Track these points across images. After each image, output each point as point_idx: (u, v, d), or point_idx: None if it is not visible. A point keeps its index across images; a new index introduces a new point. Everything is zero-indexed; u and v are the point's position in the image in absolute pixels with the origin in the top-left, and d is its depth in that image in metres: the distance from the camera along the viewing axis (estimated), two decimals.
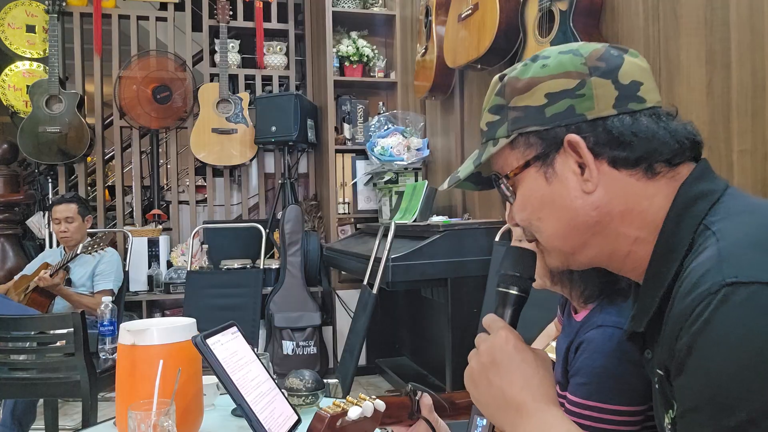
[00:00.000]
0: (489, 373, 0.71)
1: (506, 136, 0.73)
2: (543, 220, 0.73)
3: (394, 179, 3.91)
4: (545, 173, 0.71)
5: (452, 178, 0.81)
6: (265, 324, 3.81)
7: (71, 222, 2.99)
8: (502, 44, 2.54)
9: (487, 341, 0.73)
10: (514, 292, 0.77)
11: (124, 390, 1.10)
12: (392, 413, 0.88)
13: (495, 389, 0.70)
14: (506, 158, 0.74)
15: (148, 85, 4.25)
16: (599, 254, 0.73)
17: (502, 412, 0.70)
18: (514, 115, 0.72)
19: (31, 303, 2.84)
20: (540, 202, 0.72)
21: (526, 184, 0.73)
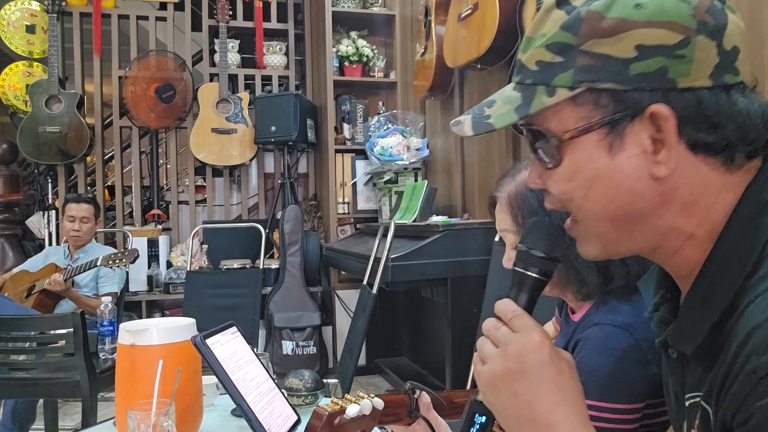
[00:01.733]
0: (516, 382, 0.61)
1: (569, 87, 0.58)
2: (590, 198, 0.60)
3: (393, 179, 3.91)
4: (610, 143, 0.58)
5: (479, 125, 0.63)
6: (265, 324, 3.81)
7: (86, 222, 2.99)
8: (502, 44, 2.54)
9: (517, 343, 0.61)
10: (533, 274, 0.66)
11: (123, 390, 1.10)
12: (391, 411, 0.87)
13: (521, 402, 0.60)
14: (560, 114, 0.59)
15: (151, 85, 4.25)
16: (644, 246, 0.62)
17: (525, 427, 0.61)
18: (585, 62, 0.57)
19: (37, 304, 2.84)
20: (593, 176, 0.59)
21: (582, 151, 0.59)
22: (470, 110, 0.67)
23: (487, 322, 0.66)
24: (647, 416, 0.91)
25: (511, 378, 0.61)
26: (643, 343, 0.88)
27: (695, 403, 0.60)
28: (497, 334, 0.64)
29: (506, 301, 0.66)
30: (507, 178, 1.04)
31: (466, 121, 0.65)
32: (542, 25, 0.61)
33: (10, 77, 4.28)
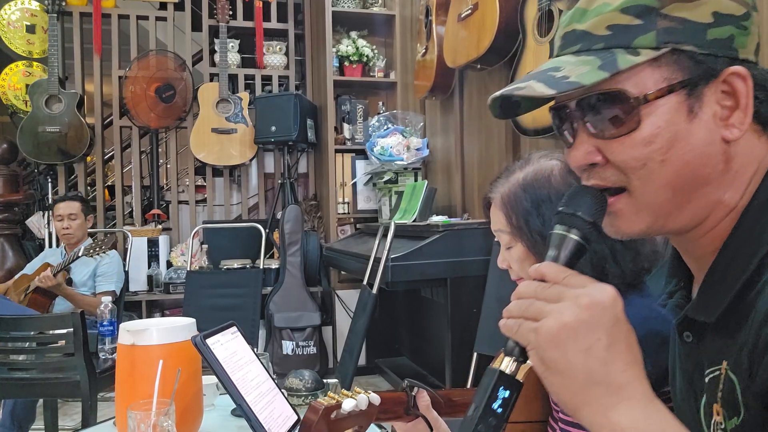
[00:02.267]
0: (590, 336, 0.54)
1: (654, 48, 0.58)
2: (666, 162, 0.59)
3: (393, 179, 3.91)
4: (689, 106, 0.59)
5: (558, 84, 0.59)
6: (265, 324, 3.81)
7: (74, 219, 2.99)
8: (502, 44, 2.54)
9: (590, 295, 0.55)
10: (575, 237, 0.61)
11: (123, 390, 1.10)
12: (388, 408, 0.87)
13: (594, 359, 0.54)
14: (640, 76, 0.59)
15: (151, 85, 4.25)
16: (691, 220, 0.62)
17: (591, 388, 0.54)
18: (666, 25, 0.59)
19: (31, 303, 2.84)
20: (673, 139, 0.59)
21: (662, 113, 0.59)
22: (525, 77, 0.64)
23: (528, 284, 0.59)
24: None
25: (585, 331, 0.54)
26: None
27: (716, 377, 0.60)
28: (552, 291, 0.57)
29: (551, 263, 0.60)
30: (501, 179, 1.04)
31: (531, 85, 0.61)
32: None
33: (10, 77, 4.28)
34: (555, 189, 0.97)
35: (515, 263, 1.03)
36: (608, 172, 0.62)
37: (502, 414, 0.58)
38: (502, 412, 0.58)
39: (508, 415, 0.58)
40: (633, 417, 0.54)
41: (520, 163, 1.04)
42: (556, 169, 0.99)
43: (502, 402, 0.58)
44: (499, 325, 0.60)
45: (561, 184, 0.97)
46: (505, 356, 0.59)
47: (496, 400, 0.58)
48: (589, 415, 0.55)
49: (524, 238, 0.99)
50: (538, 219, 0.97)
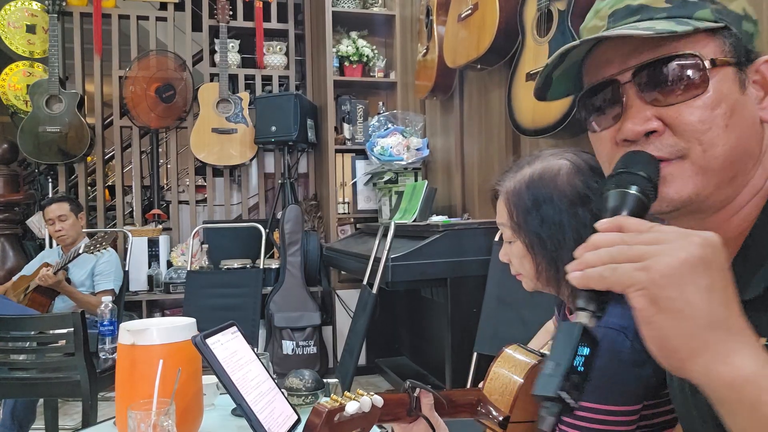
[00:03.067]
0: (709, 274, 0.50)
1: (714, 21, 0.62)
2: (729, 129, 0.60)
3: (393, 179, 3.92)
4: (742, 81, 0.62)
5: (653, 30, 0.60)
6: (265, 324, 3.81)
7: (65, 220, 3.00)
8: (502, 44, 2.54)
9: (699, 235, 0.51)
10: (634, 192, 0.59)
11: (123, 390, 1.10)
12: (390, 410, 0.87)
13: (716, 298, 0.50)
14: (702, 43, 0.62)
15: (151, 85, 4.25)
16: (729, 197, 0.63)
17: (711, 330, 0.50)
18: (716, 7, 0.63)
19: (31, 303, 2.84)
20: (734, 107, 0.61)
21: (725, 81, 0.61)
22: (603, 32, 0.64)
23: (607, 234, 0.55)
24: (644, 417, 0.91)
25: (703, 269, 0.50)
26: (638, 344, 0.88)
27: None
28: (648, 236, 0.53)
29: (627, 217, 0.57)
30: (510, 173, 1.04)
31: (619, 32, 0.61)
32: None
33: (11, 77, 4.28)
34: (559, 189, 0.97)
35: (515, 258, 1.03)
36: (666, 140, 0.62)
37: (584, 373, 0.54)
38: (584, 371, 0.54)
39: (588, 375, 0.54)
40: (758, 362, 0.49)
41: (530, 159, 1.04)
42: (564, 169, 0.99)
43: (584, 360, 0.54)
44: (573, 277, 0.56)
45: (566, 185, 0.97)
46: (579, 311, 0.56)
47: (579, 357, 0.54)
48: (707, 362, 0.50)
49: (523, 236, 0.99)
50: (536, 218, 0.97)
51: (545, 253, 0.97)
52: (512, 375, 1.01)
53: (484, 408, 0.99)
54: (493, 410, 0.99)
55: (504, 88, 2.61)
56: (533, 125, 2.29)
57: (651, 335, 0.52)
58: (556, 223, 0.96)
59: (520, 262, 1.02)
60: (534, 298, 1.14)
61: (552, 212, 0.96)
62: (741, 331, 0.51)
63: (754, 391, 0.49)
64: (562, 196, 0.96)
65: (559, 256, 0.96)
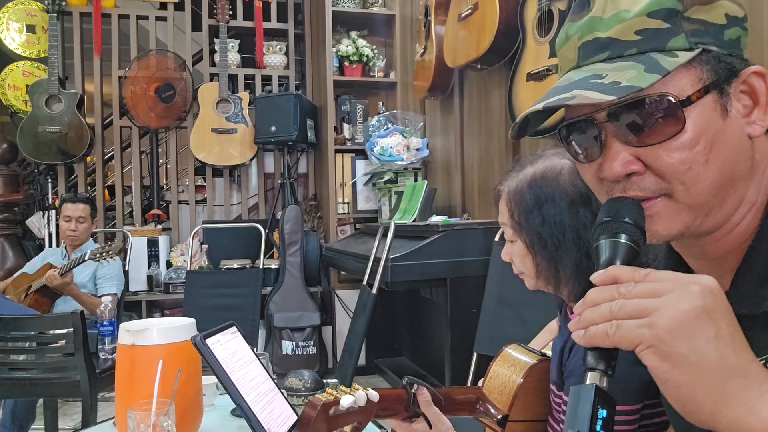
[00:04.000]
0: (713, 322, 0.49)
1: (688, 49, 0.59)
2: (710, 162, 0.59)
3: (393, 179, 3.91)
4: (723, 105, 0.60)
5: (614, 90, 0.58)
6: (265, 324, 3.81)
7: (82, 222, 2.98)
8: (502, 44, 2.54)
9: (696, 283, 0.51)
10: (624, 240, 0.59)
11: (123, 390, 1.10)
12: (388, 406, 0.87)
13: (724, 345, 0.49)
14: (676, 78, 0.59)
15: (151, 85, 4.25)
16: (723, 219, 0.62)
17: (729, 379, 0.49)
18: (692, 28, 0.60)
19: (33, 303, 2.84)
20: (713, 139, 0.59)
21: (702, 114, 0.59)
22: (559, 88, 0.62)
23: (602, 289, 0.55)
24: (645, 416, 0.91)
25: (706, 317, 0.49)
26: None
27: None
28: (645, 287, 0.52)
29: (619, 266, 0.57)
30: (512, 173, 1.04)
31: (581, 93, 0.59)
32: (616, 2, 0.62)
33: (10, 77, 4.28)
34: (561, 189, 0.97)
35: (517, 257, 1.04)
36: (647, 180, 0.61)
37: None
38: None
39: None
40: None
41: (533, 159, 1.04)
42: (566, 168, 0.99)
43: (602, 423, 0.52)
44: (577, 337, 0.55)
45: (568, 184, 0.97)
46: (589, 372, 0.54)
47: (598, 422, 0.52)
48: (731, 413, 0.49)
49: (524, 235, 1.00)
50: (537, 218, 0.97)
51: (545, 252, 0.98)
52: (512, 374, 1.01)
53: (483, 406, 0.99)
54: (492, 408, 0.99)
55: (504, 88, 2.61)
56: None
57: (671, 393, 0.51)
58: (557, 222, 0.96)
59: (522, 261, 1.03)
60: (534, 297, 1.14)
61: (553, 212, 0.96)
62: (759, 375, 0.50)
63: None
64: (563, 196, 0.97)
65: (559, 255, 0.96)
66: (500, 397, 0.99)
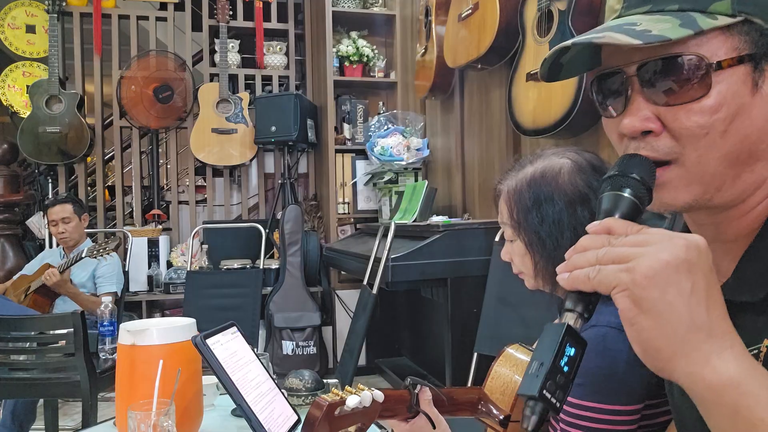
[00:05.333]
0: (693, 276, 0.51)
1: (730, 15, 0.58)
2: (728, 134, 0.58)
3: (394, 179, 3.91)
4: (754, 79, 0.58)
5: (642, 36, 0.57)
6: (265, 324, 3.81)
7: (68, 222, 2.99)
8: (503, 44, 2.54)
9: (683, 237, 0.52)
10: (627, 195, 0.59)
11: (123, 390, 1.10)
12: (390, 406, 0.87)
13: (696, 301, 0.50)
14: (712, 42, 0.58)
15: (149, 85, 4.25)
16: (737, 197, 0.61)
17: (692, 333, 0.50)
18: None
19: (32, 304, 2.84)
20: (737, 111, 0.58)
21: (730, 83, 0.58)
22: (597, 29, 0.62)
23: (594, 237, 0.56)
24: (646, 417, 0.91)
25: (686, 271, 0.51)
26: None
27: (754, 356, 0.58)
28: (635, 238, 0.54)
29: (616, 219, 0.58)
30: (512, 172, 1.04)
31: (610, 35, 0.59)
32: None
33: (11, 77, 4.28)
34: (560, 188, 0.97)
35: (516, 257, 1.04)
36: (662, 141, 0.61)
37: (569, 373, 0.54)
38: (569, 371, 0.54)
39: (573, 376, 0.54)
40: (741, 366, 0.49)
41: (532, 158, 1.04)
42: (566, 167, 0.99)
43: (568, 360, 0.54)
44: (562, 279, 0.57)
45: (567, 183, 0.97)
46: (566, 312, 0.56)
47: (563, 357, 0.54)
48: (688, 364, 0.51)
49: (522, 234, 1.00)
50: (536, 217, 0.97)
51: (544, 251, 0.98)
52: (513, 374, 1.01)
53: (485, 407, 0.99)
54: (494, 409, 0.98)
55: (504, 88, 2.61)
56: (534, 125, 2.29)
57: (634, 336, 0.53)
58: (555, 221, 0.96)
59: (522, 261, 1.03)
60: (534, 297, 1.14)
61: (552, 211, 0.96)
62: (724, 334, 0.51)
63: (735, 395, 0.49)
64: (562, 195, 0.97)
65: (557, 255, 0.96)
66: (502, 398, 0.99)
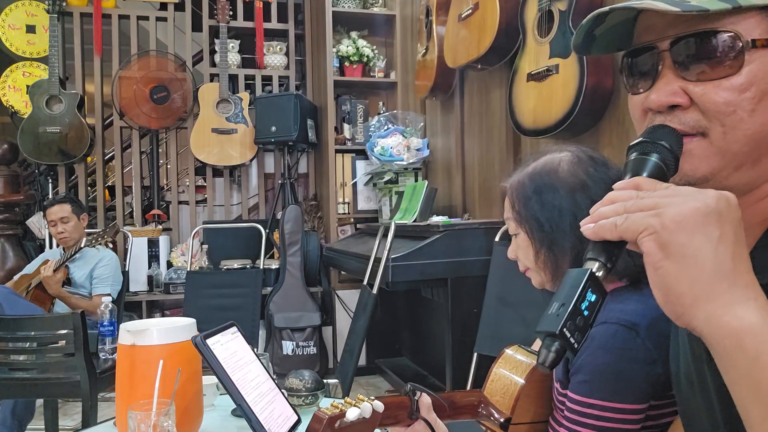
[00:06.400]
0: (720, 226, 0.51)
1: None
2: (755, 114, 0.59)
3: (394, 179, 3.91)
4: None
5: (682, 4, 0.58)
6: (265, 324, 3.81)
7: (67, 222, 2.99)
8: (503, 44, 2.54)
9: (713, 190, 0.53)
10: (655, 159, 0.59)
11: (124, 390, 1.10)
12: (391, 413, 0.87)
13: (723, 249, 0.50)
14: (748, 21, 0.59)
15: (147, 84, 4.25)
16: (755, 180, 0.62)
17: (717, 280, 0.50)
18: None
19: (33, 300, 2.84)
20: (766, 92, 0.59)
21: (762, 64, 0.59)
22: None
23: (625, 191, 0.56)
24: (650, 417, 0.91)
25: (715, 219, 0.51)
26: (649, 343, 0.88)
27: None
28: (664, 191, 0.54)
29: (645, 177, 0.58)
30: (517, 171, 1.08)
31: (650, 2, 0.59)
32: None
33: (11, 78, 4.28)
34: (560, 179, 1.00)
35: (521, 251, 1.06)
36: (689, 115, 0.61)
37: (588, 318, 0.53)
38: (588, 316, 0.53)
39: (592, 322, 0.54)
40: (763, 316, 0.49)
41: (535, 156, 1.08)
42: (565, 159, 1.02)
43: (589, 305, 0.54)
44: (587, 229, 0.57)
45: (567, 173, 1.00)
46: (589, 260, 0.56)
47: (585, 301, 0.54)
48: (710, 309, 0.50)
49: (524, 224, 1.02)
50: (537, 204, 1.00)
51: (543, 237, 1.00)
52: (513, 376, 1.01)
53: (485, 409, 0.99)
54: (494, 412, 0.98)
55: (505, 88, 2.61)
56: (534, 125, 2.29)
57: (657, 281, 0.53)
58: (555, 206, 0.99)
59: (525, 254, 1.04)
60: (534, 297, 1.14)
61: (551, 197, 0.99)
62: (747, 285, 0.51)
63: (756, 342, 0.49)
64: (562, 184, 1.00)
65: (555, 238, 0.98)
66: (502, 400, 0.99)
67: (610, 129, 2.14)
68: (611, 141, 2.14)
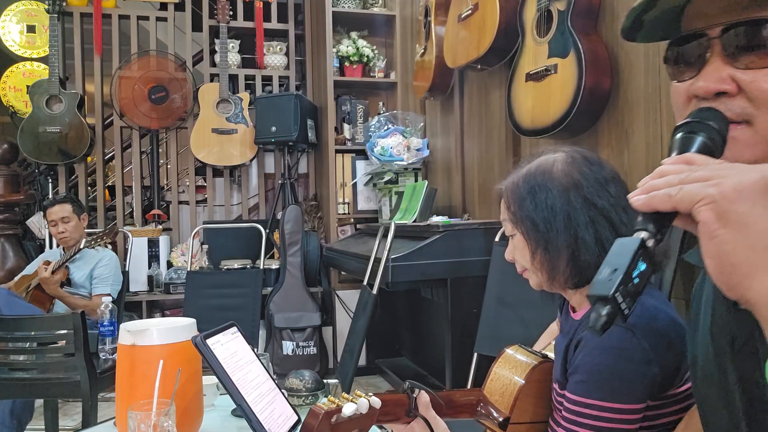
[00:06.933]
0: None
1: None
2: None
3: (394, 179, 3.91)
4: None
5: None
6: (265, 324, 3.81)
7: (68, 222, 2.99)
8: (503, 44, 2.54)
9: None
10: (702, 137, 0.60)
11: (124, 390, 1.10)
12: (389, 411, 0.87)
13: None
14: None
15: (146, 84, 4.25)
16: None
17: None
18: None
19: (33, 300, 2.84)
20: None
21: None
22: None
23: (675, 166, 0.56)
24: (647, 418, 0.91)
25: None
26: (646, 343, 0.88)
27: None
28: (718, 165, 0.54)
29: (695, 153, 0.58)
30: (512, 174, 1.08)
31: None
32: None
33: (11, 77, 4.28)
34: (553, 178, 1.00)
35: (518, 252, 1.06)
36: (736, 102, 0.61)
37: (638, 285, 0.53)
38: (639, 283, 0.53)
39: (641, 290, 0.53)
40: None
41: (530, 158, 1.08)
42: (559, 159, 1.02)
43: (639, 273, 0.53)
44: (637, 200, 0.56)
45: (560, 173, 1.00)
46: (639, 231, 0.55)
47: (636, 269, 0.53)
48: (766, 280, 0.49)
49: (519, 225, 1.02)
50: (531, 204, 1.00)
51: (539, 237, 1.00)
52: (513, 376, 1.01)
53: (484, 409, 0.99)
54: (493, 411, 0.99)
55: (504, 89, 2.61)
56: (532, 125, 2.29)
57: (713, 251, 0.51)
58: (548, 206, 0.99)
59: (522, 255, 1.04)
60: (534, 298, 1.14)
61: (545, 197, 0.99)
62: None
63: None
64: (556, 184, 1.00)
65: (550, 238, 0.98)
66: (501, 399, 0.99)
67: (609, 130, 2.14)
68: (610, 142, 2.14)
